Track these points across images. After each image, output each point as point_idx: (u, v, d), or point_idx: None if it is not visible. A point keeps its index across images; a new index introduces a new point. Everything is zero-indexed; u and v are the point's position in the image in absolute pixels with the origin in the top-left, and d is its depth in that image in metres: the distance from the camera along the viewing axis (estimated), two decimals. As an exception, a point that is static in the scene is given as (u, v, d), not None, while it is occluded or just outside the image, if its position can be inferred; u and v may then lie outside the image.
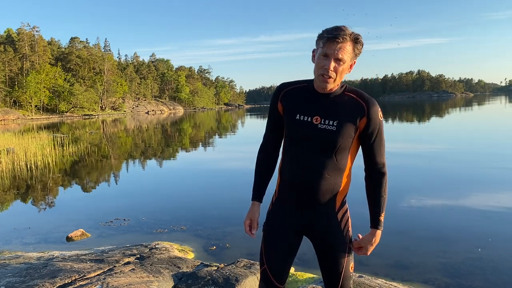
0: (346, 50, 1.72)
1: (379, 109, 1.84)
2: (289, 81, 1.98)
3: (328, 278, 1.94)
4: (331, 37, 1.70)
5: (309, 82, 1.90)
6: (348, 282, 1.93)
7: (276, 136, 2.01)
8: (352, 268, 1.96)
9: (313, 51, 1.83)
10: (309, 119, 1.82)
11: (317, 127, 1.80)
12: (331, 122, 1.79)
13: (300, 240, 1.98)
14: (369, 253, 1.92)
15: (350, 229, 1.95)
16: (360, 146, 1.90)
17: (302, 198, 1.86)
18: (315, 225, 1.89)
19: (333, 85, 1.79)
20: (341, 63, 1.73)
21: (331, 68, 1.72)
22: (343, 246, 1.90)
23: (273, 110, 1.97)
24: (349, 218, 1.95)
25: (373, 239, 1.90)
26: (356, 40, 1.74)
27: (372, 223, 1.91)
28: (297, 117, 1.84)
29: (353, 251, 1.95)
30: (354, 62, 1.81)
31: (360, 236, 1.95)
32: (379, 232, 1.90)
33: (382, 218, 1.89)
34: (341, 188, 1.87)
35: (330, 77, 1.74)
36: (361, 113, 1.80)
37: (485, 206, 6.47)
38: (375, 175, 1.89)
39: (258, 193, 2.03)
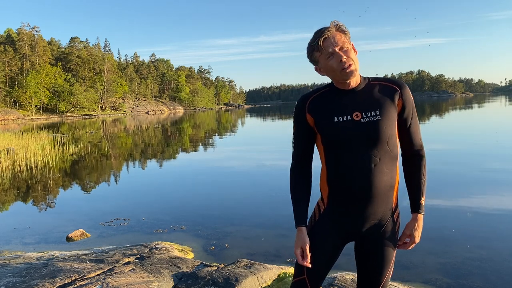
0: (340, 37, 1.71)
1: (409, 89, 1.81)
2: (307, 93, 1.89)
3: (370, 279, 1.86)
4: (319, 38, 1.69)
5: (330, 86, 1.82)
6: (388, 284, 1.88)
7: (308, 152, 1.88)
8: (392, 271, 1.89)
9: (316, 69, 1.80)
10: (349, 118, 1.72)
11: (360, 122, 1.71)
12: (373, 113, 1.71)
13: (343, 247, 1.89)
14: (418, 239, 1.83)
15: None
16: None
17: (361, 202, 1.74)
18: (371, 228, 1.79)
19: (357, 73, 1.74)
20: (346, 49, 1.70)
21: (344, 57, 1.68)
22: (393, 248, 1.84)
23: (301, 124, 1.83)
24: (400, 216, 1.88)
25: (416, 224, 1.82)
26: (337, 26, 1.73)
27: (413, 207, 1.84)
28: (335, 119, 1.73)
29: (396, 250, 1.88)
30: (352, 44, 1.76)
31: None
32: (421, 216, 1.83)
33: (423, 202, 1.83)
34: (396, 181, 1.78)
35: (350, 64, 1.69)
36: (396, 95, 1.76)
37: (485, 206, 6.46)
38: (415, 158, 1.84)
39: (302, 218, 1.84)
